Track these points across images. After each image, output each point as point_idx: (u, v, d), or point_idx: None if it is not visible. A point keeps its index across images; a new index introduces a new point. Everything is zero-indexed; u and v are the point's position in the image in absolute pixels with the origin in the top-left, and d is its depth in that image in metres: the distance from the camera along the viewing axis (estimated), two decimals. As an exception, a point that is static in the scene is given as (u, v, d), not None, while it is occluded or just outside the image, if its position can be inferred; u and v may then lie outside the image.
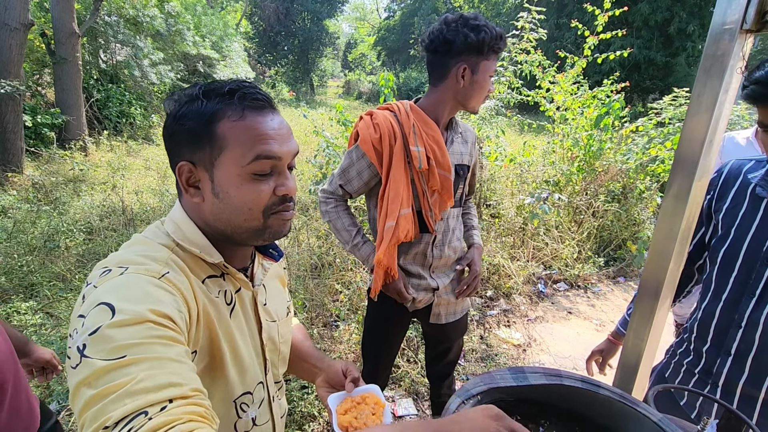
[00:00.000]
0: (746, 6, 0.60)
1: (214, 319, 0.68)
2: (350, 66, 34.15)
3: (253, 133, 0.65)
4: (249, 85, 0.68)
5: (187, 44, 10.51)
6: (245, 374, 0.74)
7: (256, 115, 0.66)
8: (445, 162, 1.38)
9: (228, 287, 0.73)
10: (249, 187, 0.66)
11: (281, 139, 0.68)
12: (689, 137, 0.70)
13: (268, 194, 0.68)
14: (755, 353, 0.98)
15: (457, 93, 1.36)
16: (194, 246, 0.69)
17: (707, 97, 0.66)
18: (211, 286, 0.70)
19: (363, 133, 1.40)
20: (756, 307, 0.98)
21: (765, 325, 0.96)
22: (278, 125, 0.68)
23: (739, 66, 0.63)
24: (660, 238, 0.76)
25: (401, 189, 1.36)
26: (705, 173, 0.70)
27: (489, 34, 1.26)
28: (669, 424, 0.54)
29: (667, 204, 0.74)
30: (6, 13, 5.19)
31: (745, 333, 0.99)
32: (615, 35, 4.33)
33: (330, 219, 1.49)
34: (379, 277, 1.42)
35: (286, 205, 0.71)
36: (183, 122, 0.66)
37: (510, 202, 4.28)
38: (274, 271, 0.90)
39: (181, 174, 0.67)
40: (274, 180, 0.68)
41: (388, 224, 1.36)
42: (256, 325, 0.79)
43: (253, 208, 0.67)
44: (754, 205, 1.02)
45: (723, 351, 1.04)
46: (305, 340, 1.03)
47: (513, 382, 0.59)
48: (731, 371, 1.02)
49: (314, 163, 3.94)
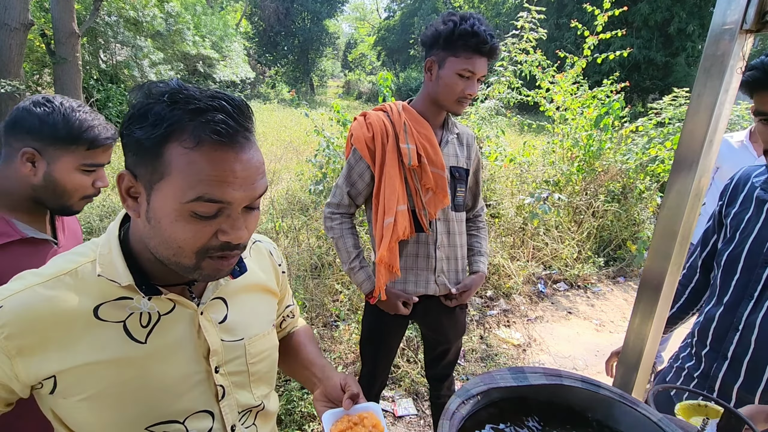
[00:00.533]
0: (746, 6, 0.60)
1: (100, 347, 0.61)
2: (350, 66, 34.14)
3: (201, 171, 0.55)
4: (224, 106, 0.56)
5: (187, 44, 10.52)
6: (167, 402, 0.65)
7: (215, 150, 0.55)
8: (438, 160, 1.38)
9: (146, 308, 0.65)
10: (184, 225, 0.57)
11: (240, 183, 0.57)
12: (689, 137, 0.70)
13: (207, 236, 0.58)
14: (750, 357, 0.98)
15: (430, 89, 1.36)
16: (101, 265, 0.63)
17: (707, 97, 0.66)
18: (110, 311, 0.62)
19: (356, 132, 1.42)
20: (753, 309, 0.97)
21: (761, 328, 0.96)
22: (241, 167, 0.57)
23: (739, 66, 0.63)
24: (660, 238, 0.76)
25: (397, 185, 1.37)
26: (705, 173, 0.70)
27: (451, 27, 1.24)
28: (669, 424, 0.54)
29: (667, 204, 0.74)
30: (6, 13, 5.19)
31: (742, 336, 0.99)
32: (615, 35, 4.33)
33: (333, 236, 1.49)
34: (382, 275, 1.42)
35: (226, 253, 0.61)
36: (134, 127, 0.56)
37: (510, 202, 4.28)
38: (246, 283, 0.79)
39: (121, 182, 0.60)
40: (219, 222, 0.58)
41: (387, 221, 1.37)
42: (199, 348, 0.69)
43: (184, 247, 0.58)
44: (758, 209, 1.01)
45: (720, 355, 1.03)
46: (309, 344, 0.96)
47: (513, 382, 0.59)
48: (727, 375, 1.02)
49: (314, 163, 3.94)
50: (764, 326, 0.96)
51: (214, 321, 0.71)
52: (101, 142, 1.01)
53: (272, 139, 8.90)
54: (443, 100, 1.34)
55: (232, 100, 0.58)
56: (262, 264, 0.84)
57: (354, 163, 1.44)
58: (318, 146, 3.90)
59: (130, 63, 8.70)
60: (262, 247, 0.87)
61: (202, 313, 0.70)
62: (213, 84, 12.29)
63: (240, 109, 0.58)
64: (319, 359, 0.91)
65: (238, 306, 0.76)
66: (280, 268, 0.89)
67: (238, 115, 0.57)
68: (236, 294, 0.76)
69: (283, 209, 4.32)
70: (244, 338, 0.75)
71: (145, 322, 0.65)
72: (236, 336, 0.74)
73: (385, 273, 1.42)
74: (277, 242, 3.72)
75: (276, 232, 3.77)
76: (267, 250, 0.87)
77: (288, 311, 0.98)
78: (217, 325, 0.72)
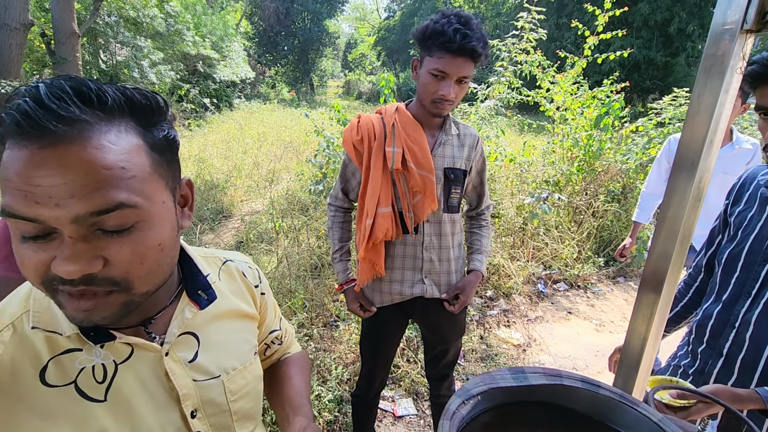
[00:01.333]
0: (746, 6, 0.59)
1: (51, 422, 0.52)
2: (350, 66, 34.15)
3: (4, 176, 0.43)
4: (42, 88, 0.42)
5: (187, 44, 10.52)
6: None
7: (19, 148, 0.42)
8: (427, 163, 1.36)
9: (99, 359, 0.55)
10: (17, 248, 0.46)
11: (50, 195, 0.41)
12: (689, 137, 0.70)
13: (44, 265, 0.45)
14: (744, 354, 0.98)
15: (417, 89, 1.37)
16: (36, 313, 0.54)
17: (707, 97, 0.66)
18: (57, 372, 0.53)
19: (345, 135, 1.46)
20: (750, 307, 0.97)
21: (756, 325, 0.96)
22: (51, 172, 0.41)
23: (740, 66, 0.63)
24: (660, 238, 0.76)
25: (378, 188, 1.38)
26: (705, 173, 0.70)
27: (428, 28, 1.24)
28: (669, 424, 0.54)
29: (667, 204, 0.74)
30: (6, 13, 5.19)
31: (738, 333, 0.99)
32: (615, 35, 4.33)
33: (329, 227, 1.61)
34: (365, 270, 1.46)
35: (70, 289, 0.46)
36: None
37: (510, 202, 4.28)
38: (218, 311, 0.69)
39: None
40: (54, 247, 0.45)
41: (367, 222, 1.40)
42: (169, 393, 0.60)
43: (29, 278, 0.47)
44: (761, 207, 1.01)
45: (716, 352, 1.03)
46: (297, 376, 0.85)
47: (513, 382, 0.59)
48: (721, 373, 1.02)
49: (314, 163, 3.94)
50: (759, 324, 0.96)
51: (183, 360, 0.62)
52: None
53: (272, 139, 8.90)
54: (422, 99, 1.34)
55: (72, 80, 0.44)
56: (232, 287, 0.75)
57: (348, 162, 1.49)
58: (318, 146, 3.90)
59: (130, 63, 8.70)
60: (233, 267, 0.77)
61: (167, 354, 0.60)
62: (213, 84, 12.30)
63: (76, 89, 0.43)
64: (297, 397, 0.80)
65: (212, 339, 0.67)
66: (257, 289, 0.79)
67: (61, 98, 0.42)
68: (208, 325, 0.67)
69: (283, 209, 4.32)
70: (222, 375, 0.66)
71: (101, 377, 0.55)
72: (212, 373, 0.65)
73: (368, 269, 1.45)
74: (277, 242, 3.72)
75: (276, 232, 3.77)
76: (239, 270, 0.77)
77: (273, 337, 0.87)
78: (187, 365, 0.62)
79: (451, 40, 1.19)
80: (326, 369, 2.39)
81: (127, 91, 0.48)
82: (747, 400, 0.89)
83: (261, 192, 5.71)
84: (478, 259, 1.57)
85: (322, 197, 3.86)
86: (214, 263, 0.75)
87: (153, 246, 0.50)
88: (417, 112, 1.41)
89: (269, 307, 0.84)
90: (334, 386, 2.26)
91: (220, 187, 5.83)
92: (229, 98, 13.58)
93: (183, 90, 10.77)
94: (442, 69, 1.23)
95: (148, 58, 9.02)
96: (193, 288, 0.65)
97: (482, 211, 1.64)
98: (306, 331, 2.67)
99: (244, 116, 12.00)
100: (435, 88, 1.27)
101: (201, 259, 0.71)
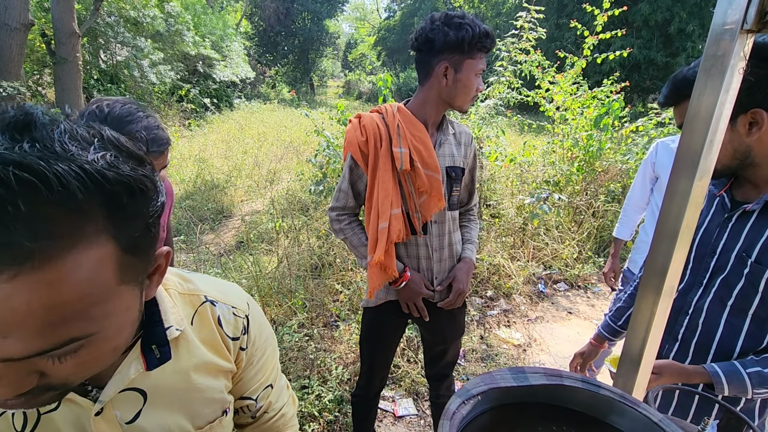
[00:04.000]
0: (747, 6, 0.59)
1: None
2: (350, 66, 34.16)
3: None
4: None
5: (187, 44, 10.53)
6: None
7: None
8: (432, 162, 1.38)
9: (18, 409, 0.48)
10: None
11: None
12: (689, 137, 0.70)
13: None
14: (697, 339, 1.05)
15: (442, 92, 1.36)
16: None
17: (707, 97, 0.66)
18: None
19: (350, 136, 1.43)
20: (702, 295, 1.05)
21: (707, 312, 1.03)
22: None
23: (740, 66, 0.63)
24: (660, 239, 0.76)
25: (390, 189, 1.37)
26: (705, 173, 0.70)
27: (470, 32, 1.25)
28: (669, 424, 0.54)
29: (668, 204, 0.74)
30: (6, 13, 5.19)
31: (691, 320, 1.06)
32: (615, 35, 4.33)
33: (345, 236, 1.50)
34: (377, 276, 1.42)
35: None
36: None
37: (510, 202, 4.28)
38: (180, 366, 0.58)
39: None
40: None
41: (381, 225, 1.37)
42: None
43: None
44: (708, 203, 1.10)
45: (672, 337, 1.10)
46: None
47: (513, 382, 0.59)
48: (677, 356, 1.09)
49: (314, 163, 3.95)
50: (710, 311, 1.03)
51: (120, 421, 0.53)
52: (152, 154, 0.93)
53: (272, 139, 8.91)
54: (462, 101, 1.36)
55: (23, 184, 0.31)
56: (204, 335, 0.61)
57: (354, 166, 1.45)
58: (318, 146, 3.90)
59: (131, 63, 8.70)
60: (210, 312, 0.62)
61: (99, 412, 0.52)
62: (213, 84, 12.30)
63: (27, 197, 0.31)
64: None
65: (165, 396, 0.57)
66: (235, 342, 0.64)
67: (6, 224, 0.31)
68: (163, 380, 0.57)
69: (283, 209, 4.32)
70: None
71: (20, 425, 0.49)
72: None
73: (380, 274, 1.42)
74: (278, 242, 3.73)
75: (276, 232, 3.77)
76: (216, 316, 0.63)
77: (244, 405, 0.71)
78: (124, 426, 0.54)
79: (492, 39, 1.31)
80: (326, 369, 2.39)
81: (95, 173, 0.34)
82: (694, 375, 0.98)
83: (261, 192, 5.71)
84: (469, 249, 1.58)
85: (322, 197, 3.86)
86: (191, 302, 0.62)
87: (104, 353, 0.43)
88: (422, 112, 1.41)
89: (255, 367, 0.68)
90: (334, 386, 2.26)
91: (220, 187, 5.83)
92: (229, 98, 13.58)
93: (183, 90, 10.78)
94: (483, 67, 1.34)
95: (148, 58, 9.02)
96: (150, 339, 0.55)
97: (471, 208, 1.67)
98: (306, 331, 2.67)
99: (244, 116, 12.01)
100: (476, 87, 1.35)
101: (177, 296, 0.60)
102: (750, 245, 0.96)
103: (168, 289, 0.60)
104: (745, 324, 0.98)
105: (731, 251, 1.00)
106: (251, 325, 0.66)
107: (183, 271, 0.66)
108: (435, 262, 1.47)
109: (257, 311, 0.69)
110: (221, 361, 0.62)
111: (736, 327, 1.00)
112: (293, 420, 0.82)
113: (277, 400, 0.77)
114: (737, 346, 1.00)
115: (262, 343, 0.69)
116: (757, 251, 0.94)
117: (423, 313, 1.47)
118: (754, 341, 0.98)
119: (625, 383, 0.85)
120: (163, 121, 9.32)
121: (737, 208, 1.00)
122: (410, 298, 1.45)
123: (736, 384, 0.94)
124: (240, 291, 0.69)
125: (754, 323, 0.98)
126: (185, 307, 0.61)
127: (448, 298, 1.48)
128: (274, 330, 2.63)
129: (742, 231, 0.98)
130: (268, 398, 0.74)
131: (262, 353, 0.69)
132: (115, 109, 0.91)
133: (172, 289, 0.61)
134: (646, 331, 0.80)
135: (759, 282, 0.94)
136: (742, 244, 0.98)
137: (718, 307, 1.02)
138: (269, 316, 2.75)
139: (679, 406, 1.12)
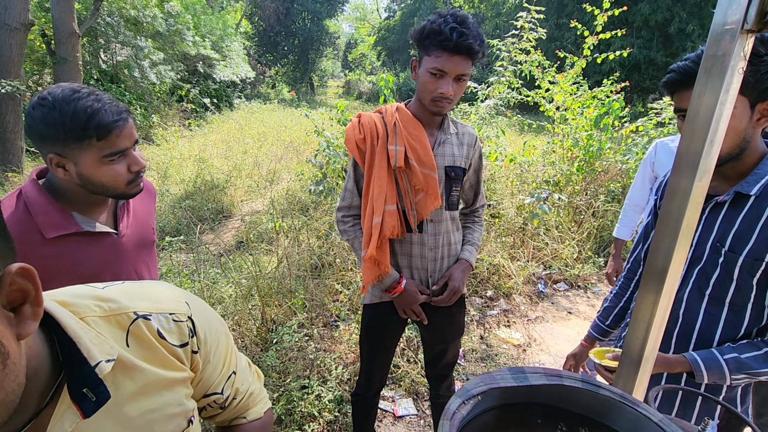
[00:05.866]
0: (747, 6, 0.59)
1: None
2: (350, 66, 34.15)
3: None
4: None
5: (187, 44, 10.53)
6: None
7: None
8: (429, 161, 1.38)
9: None
10: None
11: None
12: (689, 137, 0.70)
13: None
14: (679, 329, 1.09)
15: (416, 89, 1.37)
16: None
17: (708, 97, 0.66)
18: None
19: (348, 134, 1.45)
20: (681, 286, 1.07)
21: (687, 303, 1.07)
22: None
23: (741, 66, 0.63)
24: (660, 239, 0.76)
25: (384, 186, 1.38)
26: (705, 173, 0.70)
27: (428, 28, 1.25)
28: (669, 424, 0.54)
29: (668, 204, 0.74)
30: (6, 13, 5.19)
31: (672, 311, 1.07)
32: (615, 35, 4.34)
33: (349, 238, 1.51)
34: (370, 271, 1.43)
35: None
36: None
37: (510, 202, 4.28)
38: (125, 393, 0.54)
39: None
40: None
41: (375, 221, 1.38)
42: None
43: None
44: None
45: None
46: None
47: (513, 382, 0.59)
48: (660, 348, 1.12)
49: (314, 163, 3.95)
50: (690, 301, 1.07)
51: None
52: (109, 128, 0.92)
53: (272, 139, 8.91)
54: (422, 99, 1.36)
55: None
56: (146, 354, 0.57)
57: (356, 165, 1.48)
58: (318, 146, 3.90)
59: (131, 63, 8.70)
60: (146, 328, 0.57)
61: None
62: (213, 84, 12.30)
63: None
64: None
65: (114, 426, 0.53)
66: (185, 348, 0.60)
67: None
68: (110, 419, 0.52)
69: (283, 209, 4.32)
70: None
71: None
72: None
73: (373, 269, 1.43)
74: (278, 242, 3.73)
75: (276, 232, 3.77)
76: (154, 330, 0.57)
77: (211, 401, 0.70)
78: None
79: (447, 38, 1.21)
80: (326, 369, 2.39)
81: None
82: (675, 364, 1.01)
83: (261, 192, 5.71)
84: (468, 250, 1.57)
85: (322, 197, 3.86)
86: (118, 324, 0.55)
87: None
88: (417, 111, 1.43)
89: (212, 363, 0.66)
90: (334, 386, 2.26)
91: (220, 187, 5.83)
92: (229, 98, 13.58)
93: (183, 90, 10.78)
94: (440, 67, 1.25)
95: (149, 58, 9.02)
96: (78, 383, 0.48)
97: (477, 209, 1.66)
98: (306, 331, 2.67)
99: (244, 116, 12.01)
100: (434, 87, 1.28)
101: (99, 322, 0.54)
102: (723, 235, 1.00)
103: (84, 317, 0.52)
104: (723, 313, 1.02)
105: (706, 242, 1.04)
106: (197, 325, 0.61)
107: (95, 286, 0.58)
108: (430, 261, 1.47)
109: (198, 305, 0.64)
110: (174, 373, 0.58)
111: (714, 316, 1.03)
112: (262, 392, 0.81)
113: (243, 383, 0.75)
114: (716, 334, 1.03)
115: (214, 337, 0.65)
116: (730, 240, 0.98)
117: (421, 317, 1.48)
118: (732, 329, 1.02)
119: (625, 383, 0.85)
120: (162, 121, 9.33)
121: (709, 201, 1.03)
122: (406, 305, 1.47)
123: (714, 371, 0.97)
124: (173, 291, 0.63)
125: (731, 311, 1.01)
126: (112, 330, 0.54)
127: (441, 296, 1.48)
128: (273, 330, 2.64)
129: (715, 222, 1.02)
130: (234, 385, 0.72)
131: (216, 346, 0.66)
132: (56, 92, 0.89)
133: (89, 316, 0.53)
134: (646, 331, 0.80)
135: (733, 270, 0.98)
136: (715, 234, 1.02)
137: (697, 298, 1.05)
138: (269, 316, 2.75)
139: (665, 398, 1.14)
